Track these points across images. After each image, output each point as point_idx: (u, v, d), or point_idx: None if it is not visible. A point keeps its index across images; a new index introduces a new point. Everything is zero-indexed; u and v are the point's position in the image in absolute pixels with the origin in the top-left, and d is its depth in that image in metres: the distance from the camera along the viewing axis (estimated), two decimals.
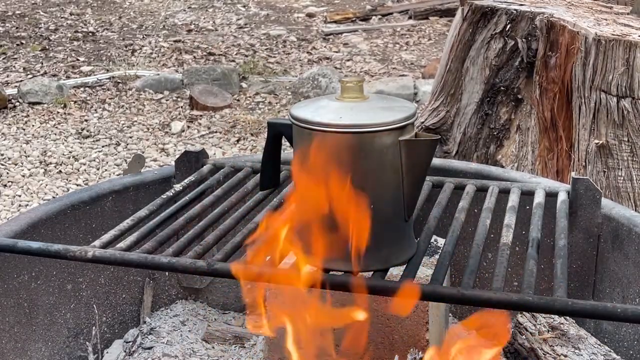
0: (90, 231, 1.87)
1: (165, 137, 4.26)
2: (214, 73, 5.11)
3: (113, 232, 1.43)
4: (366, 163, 1.17)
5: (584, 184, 1.66)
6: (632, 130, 2.20)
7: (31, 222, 1.73)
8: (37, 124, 4.43)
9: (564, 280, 1.22)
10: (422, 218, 1.48)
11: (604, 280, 1.73)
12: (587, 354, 1.54)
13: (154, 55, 5.97)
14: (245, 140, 4.22)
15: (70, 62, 5.76)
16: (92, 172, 3.80)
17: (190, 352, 1.93)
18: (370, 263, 1.22)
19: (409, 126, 1.20)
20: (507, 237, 1.38)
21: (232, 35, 6.61)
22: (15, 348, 1.69)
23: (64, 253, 1.33)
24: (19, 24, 6.88)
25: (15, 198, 3.51)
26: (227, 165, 1.83)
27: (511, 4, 2.56)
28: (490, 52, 2.52)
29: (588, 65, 2.23)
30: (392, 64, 5.71)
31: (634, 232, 1.64)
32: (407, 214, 1.23)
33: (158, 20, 7.19)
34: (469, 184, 1.65)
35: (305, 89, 4.86)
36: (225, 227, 1.46)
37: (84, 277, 1.88)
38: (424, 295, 1.19)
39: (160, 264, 1.31)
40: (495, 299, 1.15)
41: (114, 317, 1.97)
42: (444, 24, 6.80)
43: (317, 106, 1.23)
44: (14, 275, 1.69)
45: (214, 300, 2.14)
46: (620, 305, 1.09)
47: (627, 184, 2.25)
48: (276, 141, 1.35)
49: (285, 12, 7.53)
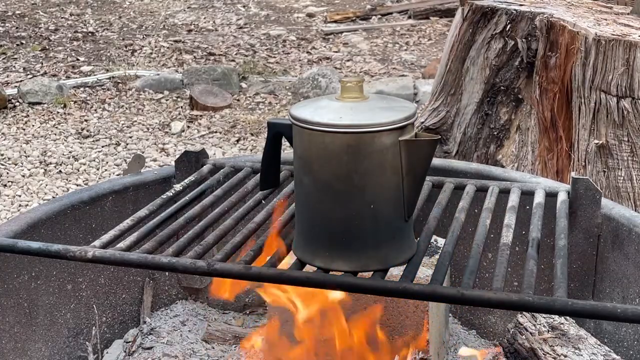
0: (90, 231, 1.87)
1: (165, 137, 4.26)
2: (214, 73, 5.11)
3: (113, 232, 1.43)
4: (366, 163, 1.17)
5: (584, 184, 1.66)
6: (632, 130, 2.20)
7: (31, 222, 1.73)
8: (37, 124, 4.43)
9: (564, 280, 1.22)
10: (422, 218, 1.48)
11: (604, 280, 1.73)
12: (587, 354, 1.54)
13: (154, 55, 5.97)
14: (245, 140, 4.22)
15: (70, 62, 5.76)
16: (92, 172, 3.80)
17: (190, 352, 1.93)
18: (370, 263, 1.22)
19: (409, 126, 1.19)
20: (507, 237, 1.38)
21: (232, 35, 6.61)
22: (15, 348, 1.69)
23: (64, 253, 1.33)
24: (19, 24, 6.88)
25: (15, 198, 3.51)
26: (227, 165, 1.83)
27: (511, 4, 2.56)
28: (491, 52, 2.52)
29: (588, 65, 2.23)
30: (392, 64, 5.71)
31: (634, 232, 1.64)
32: (407, 214, 1.23)
33: (158, 20, 7.19)
34: (469, 184, 1.65)
35: (305, 89, 4.85)
36: (225, 227, 1.46)
37: (84, 277, 1.88)
38: (424, 295, 1.19)
39: (160, 264, 1.31)
40: (495, 299, 1.15)
41: (114, 317, 1.97)
42: (444, 24, 6.80)
43: (317, 106, 1.23)
44: (14, 275, 1.69)
45: (214, 300, 2.14)
46: (620, 305, 1.09)
47: (627, 184, 2.25)
48: (276, 141, 1.35)
49: (285, 12, 7.53)
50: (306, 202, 1.24)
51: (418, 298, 1.25)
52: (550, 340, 1.58)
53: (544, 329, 1.61)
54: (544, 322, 1.63)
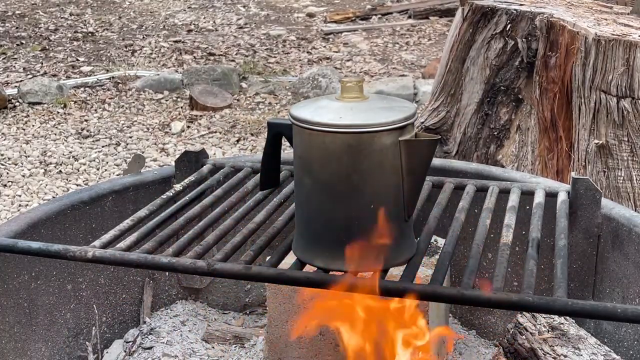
0: (90, 231, 1.87)
1: (165, 137, 4.26)
2: (214, 73, 5.11)
3: (113, 232, 1.43)
4: (366, 163, 1.17)
5: (584, 184, 1.66)
6: (632, 130, 2.20)
7: (31, 222, 1.73)
8: (37, 124, 4.43)
9: (564, 280, 1.22)
10: (422, 218, 1.48)
11: (604, 280, 1.73)
12: (587, 354, 1.54)
13: (154, 56, 5.97)
14: (245, 140, 4.22)
15: (70, 62, 5.76)
16: (92, 172, 3.80)
17: (190, 352, 1.93)
18: (370, 263, 1.22)
19: (409, 126, 1.19)
20: (507, 237, 1.38)
21: (232, 35, 6.61)
22: (15, 348, 1.69)
23: (64, 253, 1.33)
24: (19, 24, 6.88)
25: (15, 198, 3.51)
26: (227, 165, 1.83)
27: (511, 4, 2.56)
28: (491, 52, 2.52)
29: (588, 65, 2.23)
30: (392, 64, 5.71)
31: (634, 232, 1.64)
32: (407, 214, 1.23)
33: (158, 20, 7.18)
34: (469, 184, 1.65)
35: (305, 89, 4.85)
36: (225, 227, 1.46)
37: (84, 277, 1.88)
38: (424, 295, 1.19)
39: (160, 264, 1.31)
40: (495, 299, 1.15)
41: (114, 317, 1.97)
42: (444, 24, 6.80)
43: (317, 106, 1.23)
44: (14, 275, 1.69)
45: (214, 300, 2.14)
46: (620, 305, 1.09)
47: (627, 184, 2.25)
48: (276, 141, 1.35)
49: (285, 12, 7.53)
50: (306, 202, 1.24)
51: (418, 298, 1.25)
52: (550, 340, 1.58)
53: (544, 329, 1.61)
54: (544, 322, 1.63)
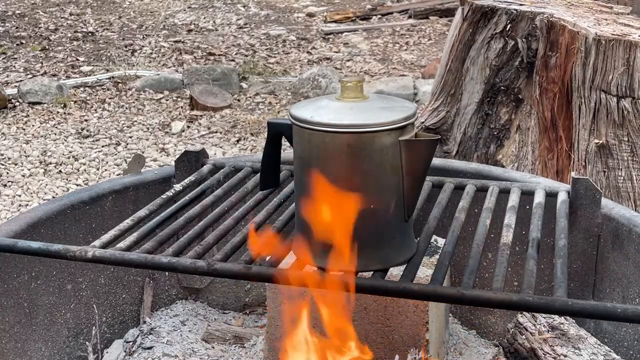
0: (90, 231, 1.87)
1: (165, 137, 4.26)
2: (214, 73, 5.11)
3: (113, 232, 1.43)
4: (366, 163, 1.17)
5: (584, 184, 1.66)
6: (632, 130, 2.20)
7: (31, 222, 1.73)
8: (37, 124, 4.43)
9: (564, 280, 1.22)
10: (422, 218, 1.48)
11: (604, 280, 1.73)
12: (587, 354, 1.54)
13: (154, 55, 5.97)
14: (245, 140, 4.22)
15: (70, 62, 5.76)
16: (92, 172, 3.80)
17: (190, 352, 1.93)
18: (370, 263, 1.22)
19: (409, 126, 1.19)
20: (507, 237, 1.38)
21: (232, 35, 6.61)
22: (15, 348, 1.69)
23: (64, 253, 1.33)
24: (19, 24, 6.88)
25: (15, 198, 3.51)
26: (227, 165, 1.83)
27: (511, 4, 2.56)
28: (491, 52, 2.52)
29: (588, 65, 2.23)
30: (392, 64, 5.71)
31: (634, 232, 1.63)
32: (407, 214, 1.23)
33: (158, 20, 7.18)
34: (469, 184, 1.65)
35: (305, 89, 4.85)
36: (225, 227, 1.46)
37: (84, 277, 1.88)
38: (424, 295, 1.19)
39: (160, 264, 1.31)
40: (495, 299, 1.15)
41: (114, 317, 1.97)
42: (444, 23, 6.80)
43: (317, 106, 1.23)
44: (14, 275, 1.69)
45: (214, 300, 2.14)
46: (620, 305, 1.09)
47: (627, 184, 2.25)
48: (276, 141, 1.35)
49: (285, 12, 7.53)
50: (306, 202, 1.24)
51: (418, 298, 1.25)
52: (550, 340, 1.58)
53: (544, 329, 1.61)
54: (544, 322, 1.63)
